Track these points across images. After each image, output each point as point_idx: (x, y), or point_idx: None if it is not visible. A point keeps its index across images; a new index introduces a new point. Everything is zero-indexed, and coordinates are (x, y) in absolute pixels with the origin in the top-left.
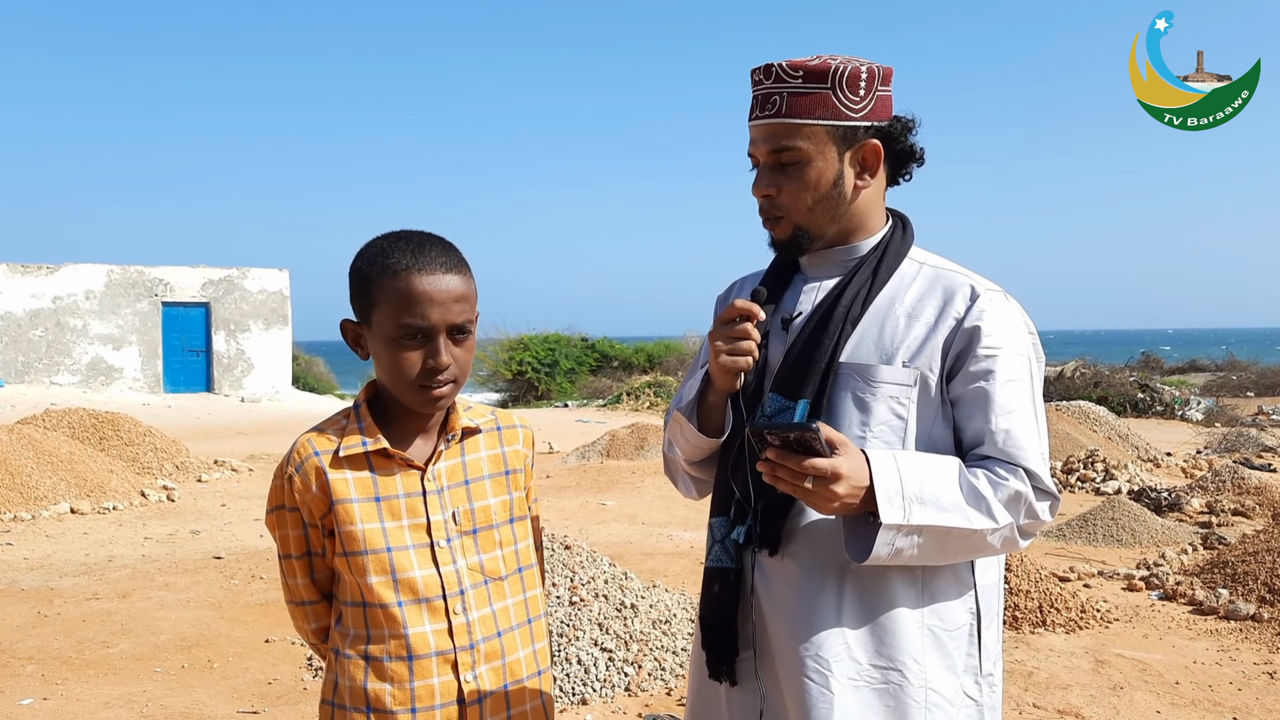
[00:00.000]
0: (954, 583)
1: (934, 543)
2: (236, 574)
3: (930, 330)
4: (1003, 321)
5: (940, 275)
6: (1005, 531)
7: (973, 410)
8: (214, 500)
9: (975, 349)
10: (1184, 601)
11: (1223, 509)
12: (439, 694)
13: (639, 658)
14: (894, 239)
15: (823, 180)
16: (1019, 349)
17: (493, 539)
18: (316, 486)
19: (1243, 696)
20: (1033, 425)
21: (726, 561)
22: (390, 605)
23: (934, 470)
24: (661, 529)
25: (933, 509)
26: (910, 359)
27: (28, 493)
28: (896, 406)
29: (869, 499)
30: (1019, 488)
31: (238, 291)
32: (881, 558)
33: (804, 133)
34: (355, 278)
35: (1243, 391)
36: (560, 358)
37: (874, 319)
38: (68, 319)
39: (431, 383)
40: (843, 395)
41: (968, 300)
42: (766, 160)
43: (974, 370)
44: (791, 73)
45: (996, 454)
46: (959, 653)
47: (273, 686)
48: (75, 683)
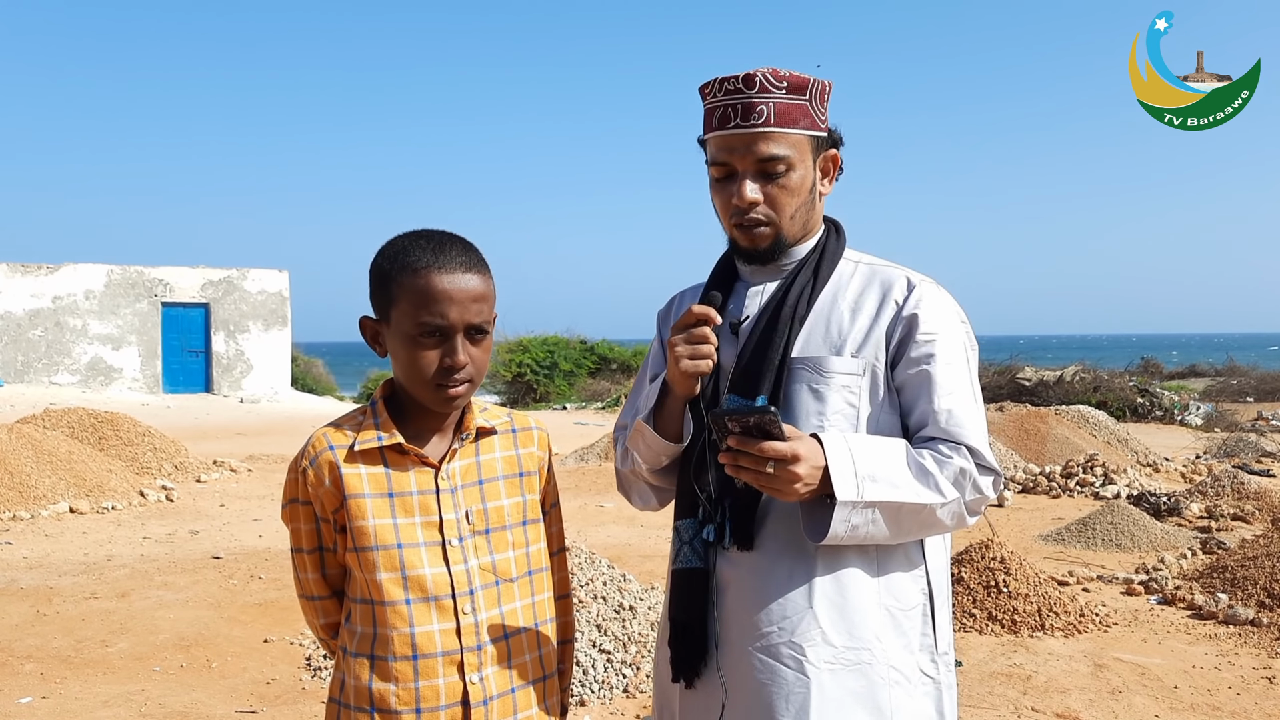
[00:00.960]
0: (905, 564)
1: (888, 519)
2: (235, 574)
3: (873, 321)
4: (938, 309)
5: (876, 270)
6: (954, 506)
7: (917, 393)
8: (213, 500)
9: (915, 335)
10: (1183, 606)
11: (1222, 514)
12: (444, 695)
13: (637, 659)
14: (829, 242)
15: (804, 187)
16: (955, 334)
17: (505, 540)
18: (330, 480)
19: (1241, 701)
20: (973, 405)
21: (696, 562)
22: (398, 602)
23: (883, 450)
24: (660, 531)
25: (885, 485)
26: (857, 350)
27: (27, 492)
28: (849, 395)
29: (825, 481)
30: (963, 464)
31: (237, 292)
32: (840, 536)
33: (791, 141)
34: (375, 275)
35: (1242, 396)
36: (559, 360)
37: (819, 315)
38: (67, 319)
39: (448, 381)
40: (798, 388)
41: (905, 291)
42: (751, 168)
43: (915, 356)
44: (777, 83)
45: (939, 433)
46: (914, 631)
47: (271, 686)
48: (74, 681)
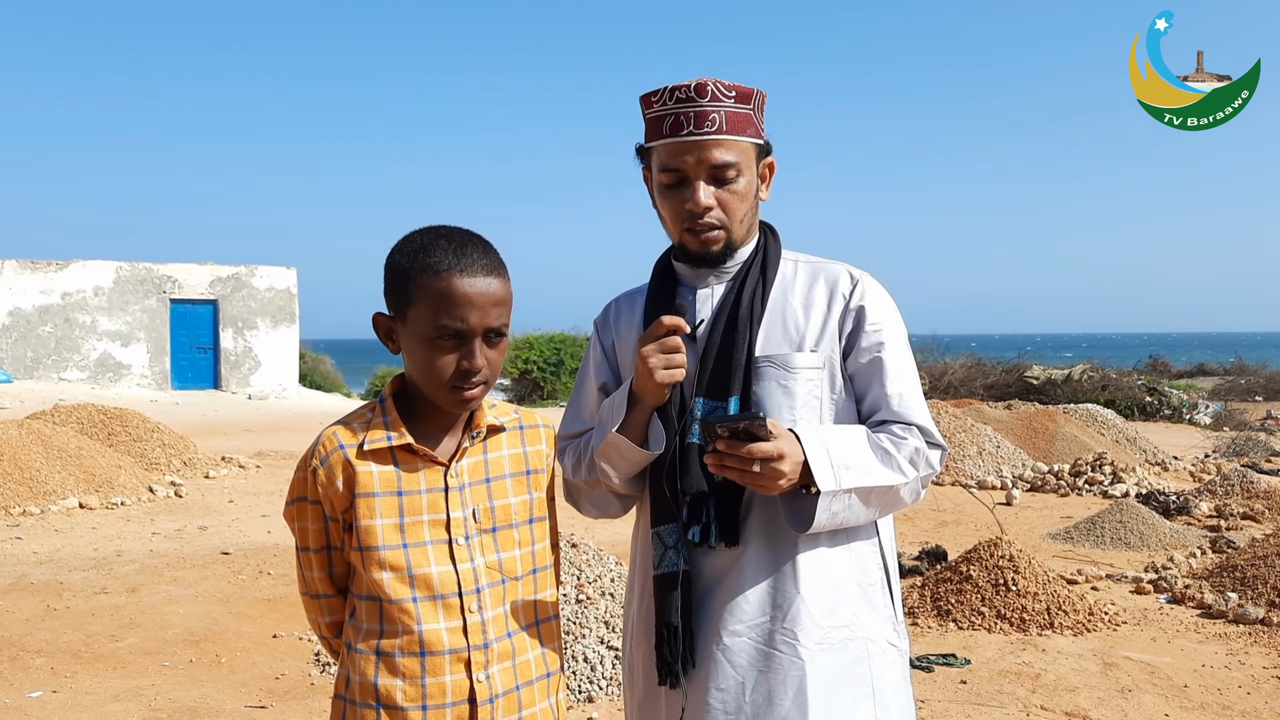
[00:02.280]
0: (866, 540)
1: (861, 503)
2: (244, 569)
3: (825, 316)
4: (880, 300)
5: (818, 267)
6: (913, 485)
7: (869, 380)
8: (221, 496)
9: (865, 326)
10: (1192, 605)
11: (1231, 513)
12: (450, 692)
13: None
14: (769, 243)
15: (750, 193)
16: (896, 322)
17: (512, 538)
18: (341, 479)
19: (1251, 700)
20: (916, 387)
21: (681, 565)
22: (405, 600)
23: (850, 438)
24: None
25: (857, 472)
26: (816, 344)
27: (37, 487)
28: (813, 389)
29: (805, 473)
30: (916, 444)
31: (245, 289)
32: (822, 524)
33: (740, 148)
34: (393, 272)
35: (1251, 396)
36: (565, 357)
37: (774, 313)
38: (76, 315)
39: (464, 384)
40: (767, 385)
41: (850, 284)
42: (704, 175)
43: (865, 345)
44: (727, 92)
45: (892, 416)
46: (880, 603)
47: (280, 681)
48: (84, 676)
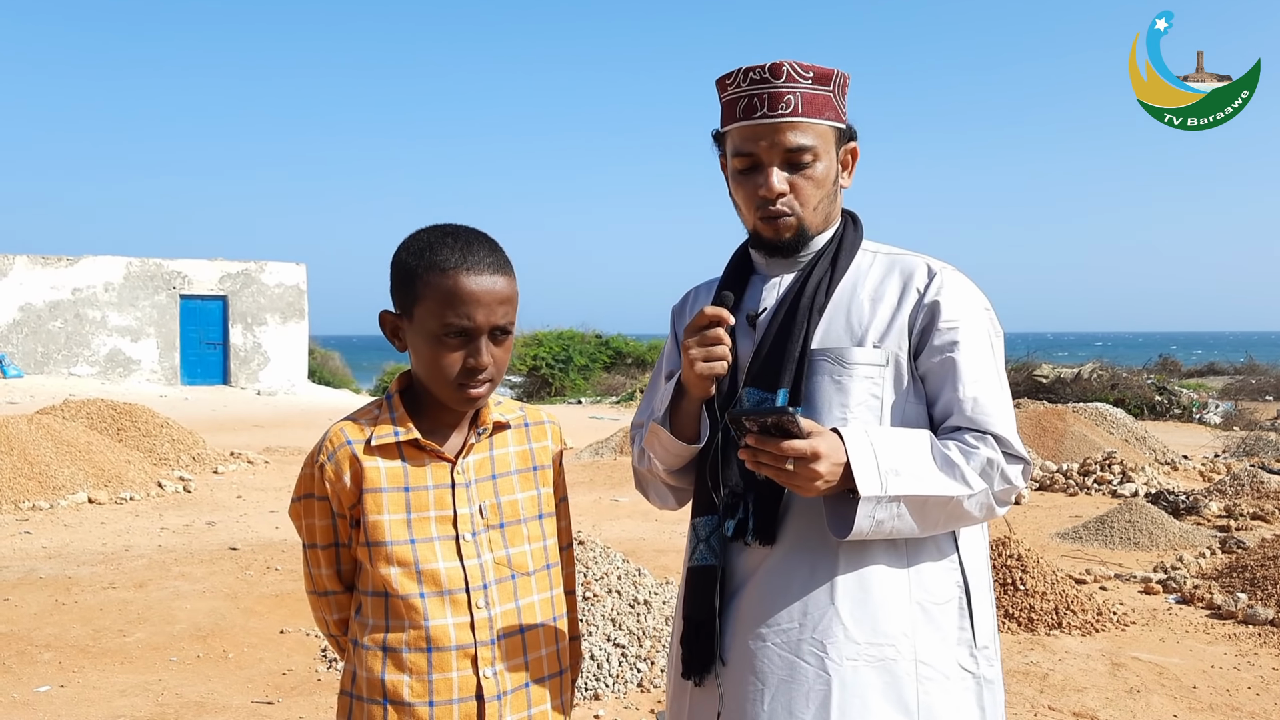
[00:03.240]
0: (936, 555)
1: (913, 512)
2: (252, 565)
3: (895, 310)
4: (960, 296)
5: (896, 260)
6: (981, 498)
7: (941, 382)
8: (230, 492)
9: (938, 323)
10: (1201, 605)
11: (1241, 513)
12: (457, 688)
13: (652, 654)
14: (847, 233)
15: (828, 179)
16: (978, 321)
17: (520, 534)
18: (349, 475)
19: (1261, 702)
20: (999, 392)
21: (712, 559)
22: (412, 596)
23: (906, 442)
24: (674, 526)
25: (908, 478)
26: (880, 340)
27: (46, 482)
28: (872, 387)
29: (847, 476)
30: (990, 454)
31: (255, 285)
32: (864, 531)
33: (817, 131)
34: (399, 270)
35: (1261, 395)
36: (574, 354)
37: (839, 305)
38: (86, 311)
39: (470, 381)
40: (819, 380)
41: (926, 278)
42: (778, 159)
43: (938, 344)
44: (804, 73)
45: (965, 422)
46: (950, 625)
47: (287, 677)
48: (92, 671)
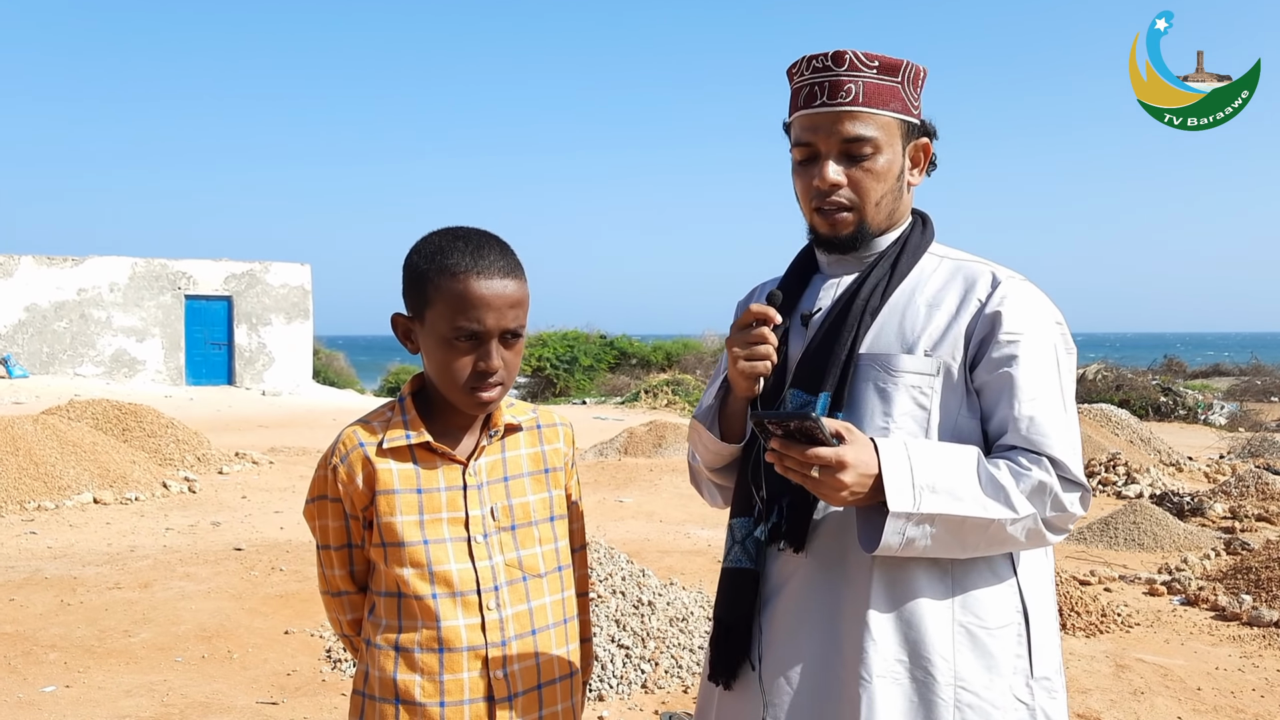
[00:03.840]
0: (990, 578)
1: (948, 533)
2: (257, 565)
3: (952, 319)
4: (1025, 308)
5: (961, 266)
6: (1028, 523)
7: (997, 398)
8: (235, 492)
9: (997, 335)
10: (1206, 607)
11: (1246, 514)
12: (468, 689)
13: (656, 655)
14: (913, 234)
15: (890, 173)
16: (1043, 335)
17: (532, 536)
18: (361, 477)
19: (1265, 704)
20: (1059, 412)
21: (746, 562)
22: (425, 597)
23: (949, 458)
24: (679, 526)
25: (945, 497)
26: (932, 348)
27: (52, 482)
28: (919, 396)
29: (879, 488)
30: (1043, 478)
31: (260, 285)
32: (892, 547)
33: (879, 123)
34: (411, 274)
35: (1267, 396)
36: (579, 355)
37: (894, 310)
38: (92, 311)
39: (482, 385)
40: (864, 386)
41: (989, 287)
42: (835, 149)
43: (996, 357)
44: (868, 62)
45: (1020, 442)
46: (1005, 653)
47: (292, 678)
48: (97, 671)
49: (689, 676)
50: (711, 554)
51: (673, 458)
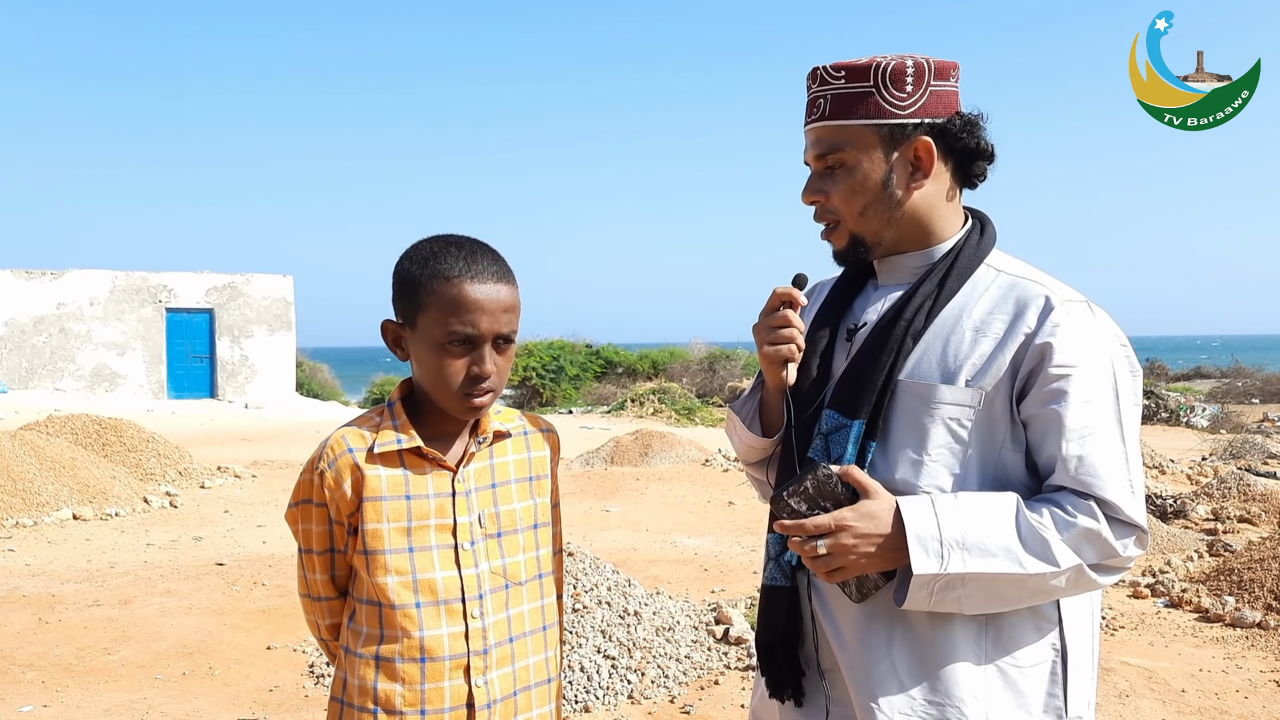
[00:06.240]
0: (1028, 616)
1: (983, 591)
2: (239, 580)
3: (998, 347)
4: (1080, 336)
5: (1016, 285)
6: (1071, 574)
7: (1044, 434)
8: (217, 507)
9: (1046, 368)
10: (1190, 609)
11: (1228, 516)
12: (449, 697)
13: (642, 665)
14: (968, 243)
15: (870, 183)
16: (1098, 366)
17: (516, 543)
18: (350, 483)
19: (1249, 705)
20: (1114, 449)
21: (781, 581)
22: (408, 606)
23: (983, 512)
24: (665, 536)
25: (977, 555)
26: (974, 377)
27: (30, 498)
28: (956, 428)
29: (903, 546)
30: (1089, 525)
31: (242, 298)
32: (922, 605)
33: (847, 134)
34: (403, 280)
35: (1248, 398)
36: (565, 364)
37: (938, 333)
38: (72, 325)
39: (474, 390)
40: (899, 417)
41: (1040, 313)
42: (815, 166)
43: (1045, 391)
44: (835, 74)
45: (1069, 483)
46: (1036, 692)
47: (274, 694)
48: (76, 690)
49: (675, 686)
50: (698, 563)
51: (659, 467)
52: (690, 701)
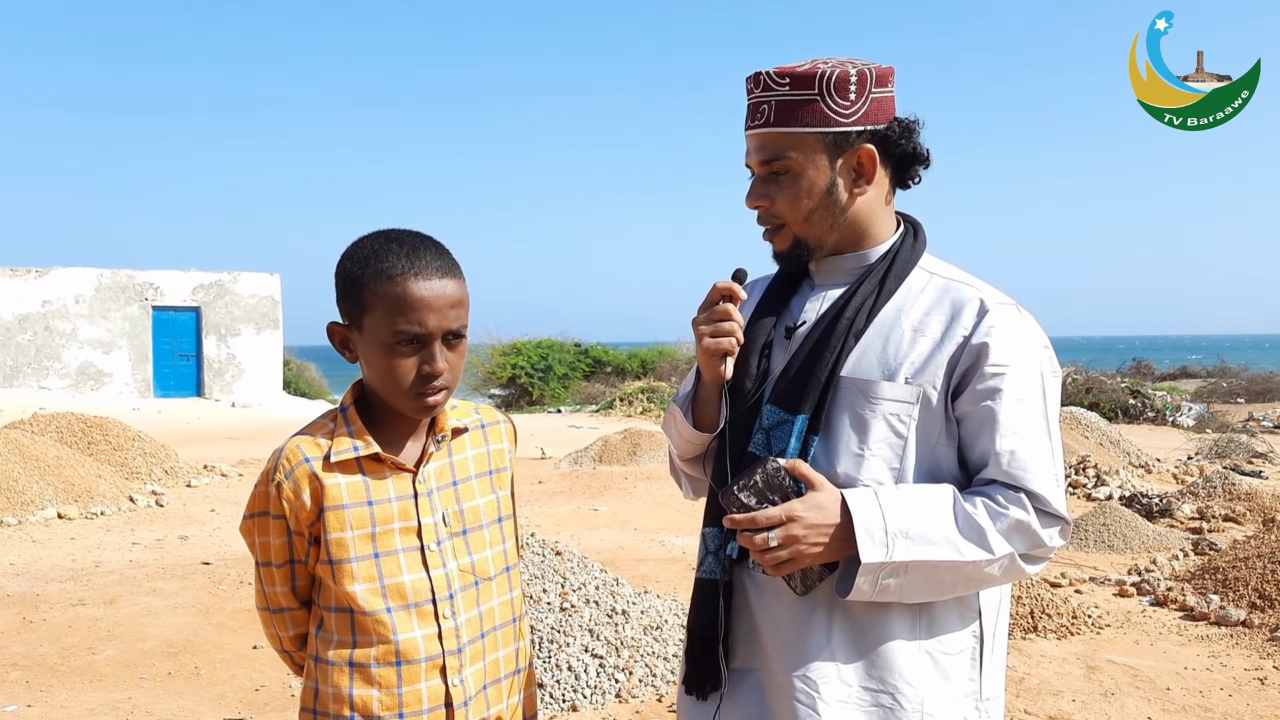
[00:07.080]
0: (954, 606)
1: (924, 578)
2: (225, 580)
3: (936, 346)
4: (1012, 337)
5: (950, 287)
6: (1004, 562)
7: (978, 431)
8: (203, 505)
9: (982, 367)
10: (1175, 607)
11: (1214, 515)
12: (426, 698)
13: (630, 664)
14: (904, 246)
15: (815, 189)
16: (1029, 366)
17: (482, 539)
18: (308, 493)
19: (1233, 703)
20: (1042, 445)
21: (718, 574)
22: (379, 612)
23: (923, 503)
24: (653, 535)
25: (919, 544)
26: (913, 375)
27: (14, 497)
28: (896, 424)
29: (849, 536)
30: (1020, 516)
31: (228, 295)
32: (866, 594)
33: (793, 141)
34: (345, 280)
35: (1233, 398)
36: (554, 363)
37: (878, 332)
38: (57, 323)
39: (426, 389)
40: (842, 412)
41: (975, 315)
42: (759, 170)
43: (980, 389)
44: (779, 80)
45: (1000, 477)
46: (960, 677)
47: (260, 694)
48: (60, 690)
49: (663, 685)
50: (686, 561)
51: (648, 465)
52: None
